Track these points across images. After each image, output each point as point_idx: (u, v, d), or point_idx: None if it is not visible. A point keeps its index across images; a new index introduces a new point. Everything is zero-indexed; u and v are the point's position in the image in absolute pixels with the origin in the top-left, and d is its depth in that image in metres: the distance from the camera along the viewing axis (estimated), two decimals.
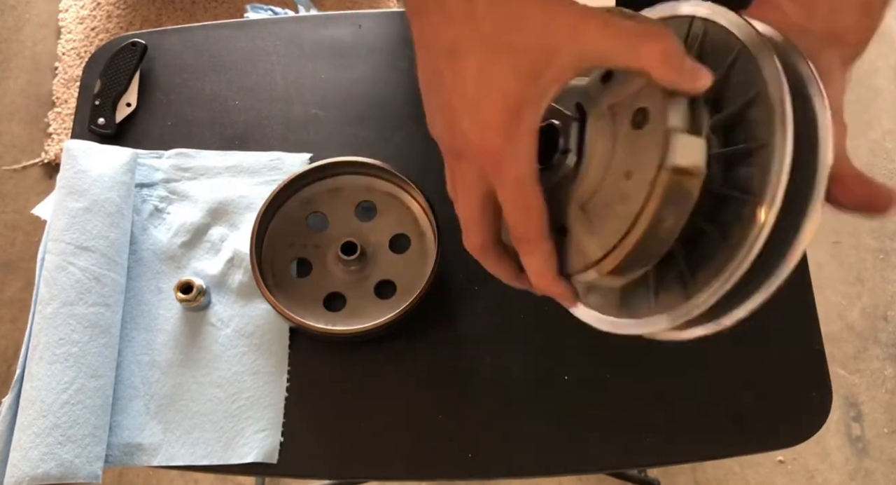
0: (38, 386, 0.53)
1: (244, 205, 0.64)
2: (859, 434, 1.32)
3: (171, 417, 0.57)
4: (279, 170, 0.65)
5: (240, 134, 0.67)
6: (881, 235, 1.43)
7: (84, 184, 0.60)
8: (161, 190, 0.65)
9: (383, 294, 0.60)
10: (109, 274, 0.58)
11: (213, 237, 0.63)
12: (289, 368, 0.59)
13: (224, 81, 0.69)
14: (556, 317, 0.60)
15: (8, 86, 1.59)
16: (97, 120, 0.66)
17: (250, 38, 0.71)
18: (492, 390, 0.59)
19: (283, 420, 0.57)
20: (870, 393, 1.35)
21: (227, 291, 0.61)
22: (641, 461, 0.64)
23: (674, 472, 1.27)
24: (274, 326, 0.60)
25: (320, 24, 0.72)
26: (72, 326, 0.55)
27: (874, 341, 1.37)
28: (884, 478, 1.29)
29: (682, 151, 0.34)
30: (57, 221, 0.59)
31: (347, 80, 0.69)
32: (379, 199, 0.63)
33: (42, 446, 0.52)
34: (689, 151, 0.34)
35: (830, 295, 1.38)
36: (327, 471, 0.59)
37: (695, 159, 0.34)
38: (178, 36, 0.72)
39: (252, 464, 0.55)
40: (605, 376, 0.59)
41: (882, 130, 1.54)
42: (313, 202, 0.62)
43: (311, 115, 0.68)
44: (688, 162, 0.34)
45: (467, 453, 0.56)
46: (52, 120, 1.54)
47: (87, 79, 0.69)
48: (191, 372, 0.59)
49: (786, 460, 1.29)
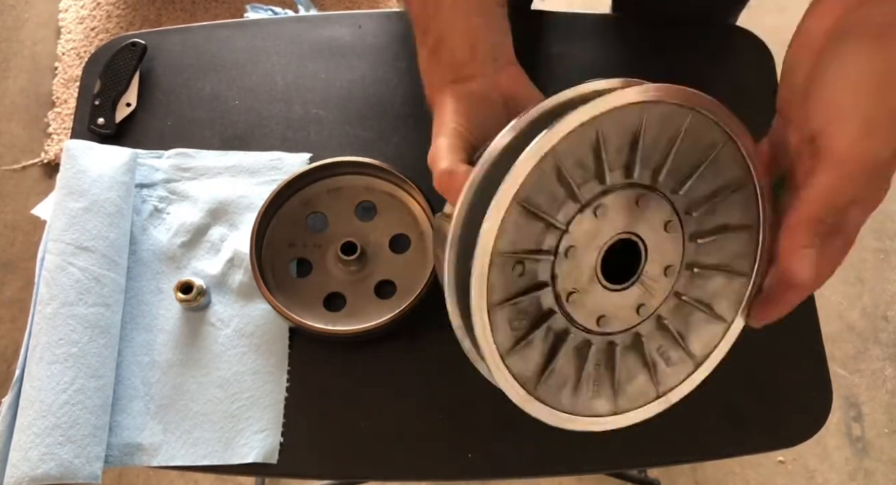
0: (37, 386, 0.53)
1: (244, 205, 0.64)
2: (859, 434, 1.32)
3: (171, 417, 0.57)
4: (279, 170, 0.65)
5: (240, 134, 0.67)
6: (882, 235, 1.43)
7: (84, 184, 0.60)
8: (161, 190, 0.65)
9: (383, 294, 0.60)
10: (109, 274, 0.58)
11: (213, 237, 0.63)
12: (289, 368, 0.59)
13: (224, 81, 0.69)
14: None
15: (7, 86, 1.59)
16: (97, 120, 0.66)
17: (250, 38, 0.71)
18: (492, 389, 0.58)
19: (283, 420, 0.57)
20: (870, 393, 1.35)
21: (227, 292, 0.61)
22: (641, 461, 0.64)
23: (674, 472, 1.27)
24: (274, 326, 0.60)
25: (320, 24, 0.72)
26: (71, 326, 0.55)
27: (874, 341, 1.37)
28: (884, 478, 1.29)
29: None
30: (57, 221, 0.59)
31: (347, 80, 0.69)
32: (379, 199, 0.62)
33: (42, 446, 0.52)
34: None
35: (830, 295, 1.38)
36: (327, 471, 0.59)
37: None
38: (178, 36, 0.72)
39: (252, 464, 0.55)
40: None
41: None
42: (313, 202, 0.62)
43: (311, 115, 0.68)
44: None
45: (467, 453, 0.56)
46: (51, 120, 1.54)
47: (86, 79, 0.69)
48: (191, 372, 0.59)
49: (786, 460, 1.29)
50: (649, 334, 0.42)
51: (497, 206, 0.36)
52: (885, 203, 0.41)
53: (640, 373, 0.43)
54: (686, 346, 0.43)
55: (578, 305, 0.39)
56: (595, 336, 0.41)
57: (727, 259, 0.43)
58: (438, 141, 0.45)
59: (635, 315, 0.41)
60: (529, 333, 0.39)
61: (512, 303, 0.38)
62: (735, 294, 0.44)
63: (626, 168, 0.38)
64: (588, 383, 0.41)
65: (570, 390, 0.41)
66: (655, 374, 0.43)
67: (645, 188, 0.39)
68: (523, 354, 0.39)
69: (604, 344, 0.41)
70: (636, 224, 0.39)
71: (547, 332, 0.40)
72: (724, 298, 0.43)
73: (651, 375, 0.43)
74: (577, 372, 0.41)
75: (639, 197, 0.39)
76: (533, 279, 0.38)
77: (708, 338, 0.44)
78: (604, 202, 0.38)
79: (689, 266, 0.42)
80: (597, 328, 0.40)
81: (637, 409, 0.43)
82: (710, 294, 0.43)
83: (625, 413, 0.43)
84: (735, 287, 0.43)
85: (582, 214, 0.38)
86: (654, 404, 0.43)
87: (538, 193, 0.37)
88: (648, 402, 0.43)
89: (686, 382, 0.44)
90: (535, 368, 0.40)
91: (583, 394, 0.41)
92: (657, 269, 0.41)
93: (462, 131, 0.45)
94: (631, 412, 0.43)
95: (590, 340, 0.41)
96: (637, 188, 0.39)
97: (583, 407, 0.41)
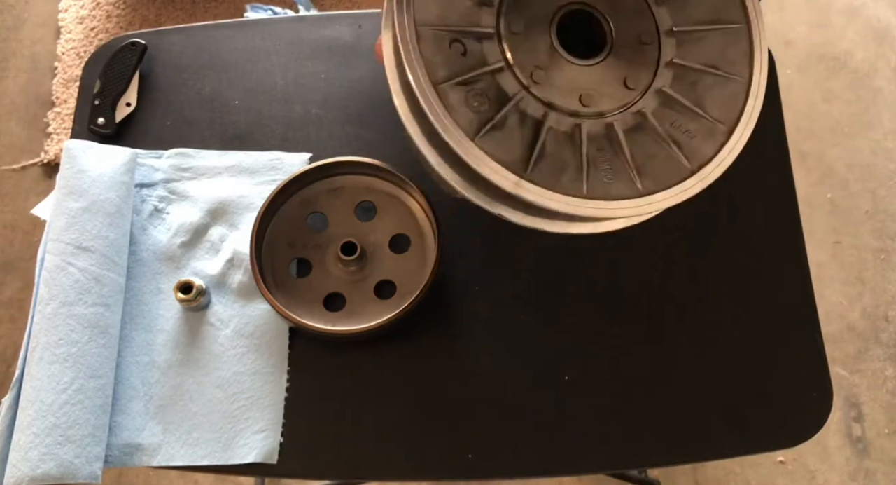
0: (37, 386, 0.53)
1: (244, 205, 0.64)
2: (860, 435, 1.32)
3: (171, 417, 0.57)
4: (279, 170, 0.65)
5: (240, 134, 0.67)
6: (882, 235, 1.42)
7: (83, 184, 0.60)
8: (161, 190, 0.65)
9: (383, 294, 0.60)
10: (109, 274, 0.58)
11: (213, 237, 0.63)
12: (289, 368, 0.59)
13: (224, 81, 0.69)
14: (556, 317, 0.61)
15: (7, 86, 1.59)
16: (97, 120, 0.66)
17: (250, 38, 0.71)
18: (491, 389, 0.59)
19: (283, 420, 0.57)
20: (870, 393, 1.34)
21: (227, 292, 0.61)
22: (641, 461, 0.64)
23: (674, 472, 1.27)
24: (274, 327, 0.60)
25: (320, 24, 0.72)
26: (71, 326, 0.55)
27: (875, 342, 1.37)
28: (885, 478, 1.29)
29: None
30: (56, 221, 0.59)
31: (347, 80, 0.69)
32: (379, 199, 0.62)
33: (42, 446, 0.52)
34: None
35: (831, 295, 1.38)
36: (327, 471, 0.59)
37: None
38: (178, 36, 0.72)
39: (252, 464, 0.55)
40: (605, 376, 0.59)
41: (882, 130, 1.53)
42: (313, 202, 0.62)
43: (311, 115, 0.68)
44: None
45: (467, 453, 0.56)
46: (51, 120, 1.54)
47: (86, 79, 0.69)
48: (190, 372, 0.59)
49: (786, 460, 1.29)
50: (656, 112, 0.40)
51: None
52: (886, 203, 0.41)
53: (660, 151, 0.39)
54: (706, 112, 0.40)
55: (547, 85, 0.38)
56: (586, 119, 0.39)
57: (714, 14, 0.40)
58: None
59: (625, 90, 0.39)
60: (495, 115, 0.37)
61: (460, 83, 0.37)
62: (740, 52, 0.40)
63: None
64: (596, 167, 0.39)
65: (573, 173, 0.39)
66: (680, 149, 0.40)
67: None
68: (496, 138, 0.37)
69: (600, 127, 0.39)
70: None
71: (522, 117, 0.38)
72: (727, 58, 0.40)
73: (674, 151, 0.39)
74: (577, 156, 0.39)
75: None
76: (480, 59, 0.37)
77: (729, 100, 0.40)
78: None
79: (669, 32, 0.40)
80: (583, 108, 0.39)
81: (670, 187, 0.39)
82: (713, 56, 0.40)
83: (654, 193, 0.39)
84: (739, 45, 0.40)
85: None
86: (691, 180, 0.40)
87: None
88: (682, 178, 0.40)
89: (721, 151, 0.40)
90: (520, 154, 0.38)
91: (594, 178, 0.39)
92: (630, 37, 0.39)
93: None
94: (663, 191, 0.39)
95: (579, 123, 0.39)
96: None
97: (598, 192, 0.38)
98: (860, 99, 1.57)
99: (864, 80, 1.59)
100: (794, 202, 0.65)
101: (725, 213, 0.64)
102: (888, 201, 1.47)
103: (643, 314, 0.61)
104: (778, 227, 0.64)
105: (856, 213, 1.43)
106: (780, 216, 0.65)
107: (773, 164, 0.66)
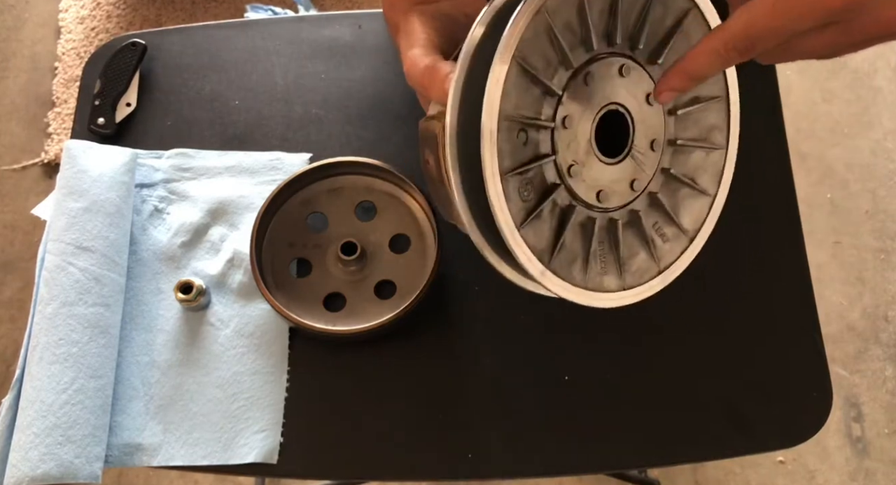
0: (37, 386, 0.53)
1: (244, 205, 0.64)
2: (860, 435, 1.32)
3: (171, 417, 0.57)
4: (279, 170, 0.65)
5: (240, 134, 0.67)
6: (882, 235, 1.42)
7: (84, 184, 0.60)
8: (161, 190, 0.65)
9: (383, 294, 0.60)
10: (109, 274, 0.58)
11: (213, 237, 0.63)
12: (289, 368, 0.59)
13: (224, 81, 0.69)
14: (556, 317, 0.61)
15: (7, 85, 1.59)
16: (97, 120, 0.66)
17: (250, 38, 0.71)
18: (491, 389, 0.59)
19: (283, 420, 0.57)
20: (870, 393, 1.35)
21: (227, 292, 0.61)
22: (641, 461, 0.64)
23: (674, 472, 1.27)
24: (274, 327, 0.60)
25: (320, 24, 0.72)
26: (71, 326, 0.55)
27: (875, 342, 1.37)
28: (885, 478, 1.29)
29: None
30: (56, 221, 0.59)
31: (347, 80, 0.69)
32: (379, 199, 0.62)
33: (42, 446, 0.52)
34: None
35: (831, 295, 1.38)
36: (327, 471, 0.59)
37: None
38: (178, 36, 0.72)
39: (252, 464, 0.55)
40: (605, 376, 0.59)
41: (882, 130, 1.53)
42: (313, 202, 0.62)
43: (311, 115, 0.68)
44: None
45: (467, 453, 0.56)
46: (51, 120, 1.54)
47: (86, 79, 0.69)
48: (190, 372, 0.59)
49: (786, 460, 1.29)
50: (645, 211, 0.44)
51: (501, 58, 0.37)
52: (886, 203, 0.41)
53: (641, 250, 0.45)
54: (678, 220, 0.46)
55: (579, 179, 0.41)
56: (597, 212, 0.42)
57: (704, 133, 0.45)
58: (413, 50, 0.46)
59: (630, 190, 0.43)
60: (538, 205, 0.40)
61: (520, 172, 0.39)
62: (714, 167, 0.47)
63: (607, 36, 0.40)
64: (595, 261, 0.43)
65: (580, 266, 0.42)
66: (654, 250, 0.45)
67: (626, 57, 0.41)
68: (535, 227, 0.40)
69: (605, 221, 0.43)
70: (622, 94, 0.41)
71: (553, 206, 0.41)
72: (704, 171, 0.46)
73: (651, 251, 0.45)
74: (585, 249, 0.42)
75: (622, 66, 0.41)
76: (536, 149, 0.39)
77: (696, 212, 0.47)
78: (591, 70, 0.40)
79: (671, 142, 0.44)
80: (597, 203, 0.42)
81: (641, 285, 0.45)
82: (693, 168, 0.46)
83: (631, 289, 0.44)
84: (714, 159, 0.46)
85: (574, 80, 0.40)
86: (657, 279, 0.45)
87: (534, 54, 0.38)
88: (651, 278, 0.45)
89: (682, 257, 0.47)
90: (546, 243, 0.41)
91: (592, 271, 0.43)
92: (644, 142, 0.43)
93: (435, 41, 0.46)
94: (636, 288, 0.45)
95: (593, 216, 0.42)
96: (619, 57, 0.41)
97: (594, 284, 0.43)
98: (860, 99, 1.57)
99: (864, 80, 1.59)
100: (794, 202, 0.65)
101: (725, 213, 0.64)
102: (888, 201, 1.47)
103: (643, 314, 0.61)
104: (778, 227, 0.64)
105: (856, 213, 1.43)
106: (780, 216, 0.65)
107: (773, 164, 0.66)
